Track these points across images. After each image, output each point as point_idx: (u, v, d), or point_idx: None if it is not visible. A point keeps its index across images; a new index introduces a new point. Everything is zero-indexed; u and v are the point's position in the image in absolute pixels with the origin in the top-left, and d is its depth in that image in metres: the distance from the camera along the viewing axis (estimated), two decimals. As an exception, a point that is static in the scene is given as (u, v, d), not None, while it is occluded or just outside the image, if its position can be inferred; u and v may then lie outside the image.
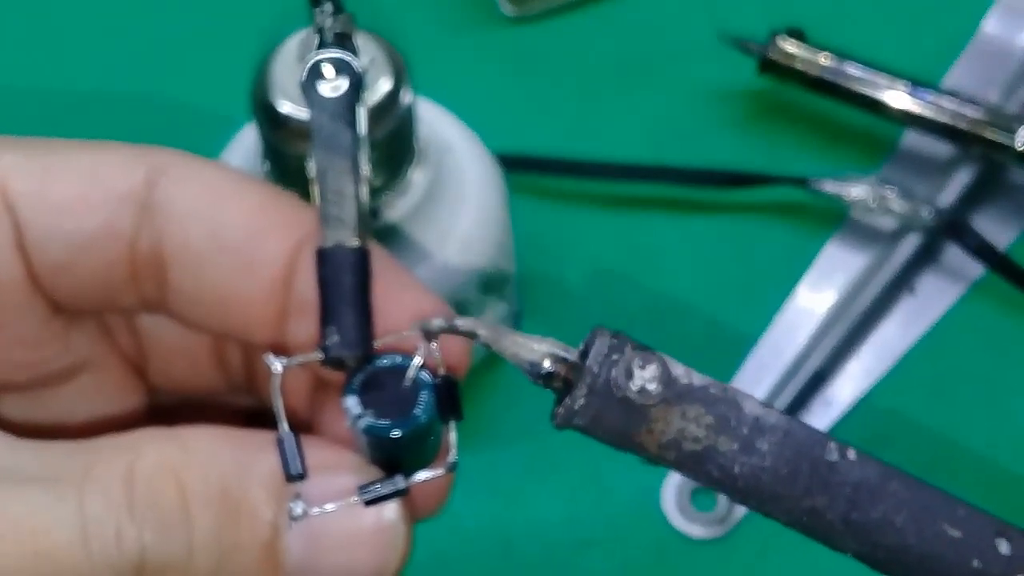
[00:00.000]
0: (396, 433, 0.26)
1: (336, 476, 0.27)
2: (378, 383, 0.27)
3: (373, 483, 0.27)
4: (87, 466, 0.26)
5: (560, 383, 0.26)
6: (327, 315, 0.27)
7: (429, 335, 0.27)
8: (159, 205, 0.28)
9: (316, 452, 0.27)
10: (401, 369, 0.27)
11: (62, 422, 0.31)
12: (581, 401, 0.25)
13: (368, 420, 0.26)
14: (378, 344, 0.27)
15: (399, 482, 0.27)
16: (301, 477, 0.26)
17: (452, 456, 0.27)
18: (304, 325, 0.28)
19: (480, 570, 0.45)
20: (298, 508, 0.26)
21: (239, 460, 0.27)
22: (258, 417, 0.32)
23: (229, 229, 0.28)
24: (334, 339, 0.26)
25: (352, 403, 0.27)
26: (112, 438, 0.27)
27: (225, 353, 0.32)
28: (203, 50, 0.54)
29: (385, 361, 0.27)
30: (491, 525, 0.45)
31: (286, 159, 0.38)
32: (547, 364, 0.26)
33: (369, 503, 0.27)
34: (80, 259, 0.28)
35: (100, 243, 0.28)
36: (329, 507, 0.26)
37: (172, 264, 0.29)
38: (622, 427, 0.25)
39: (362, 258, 0.27)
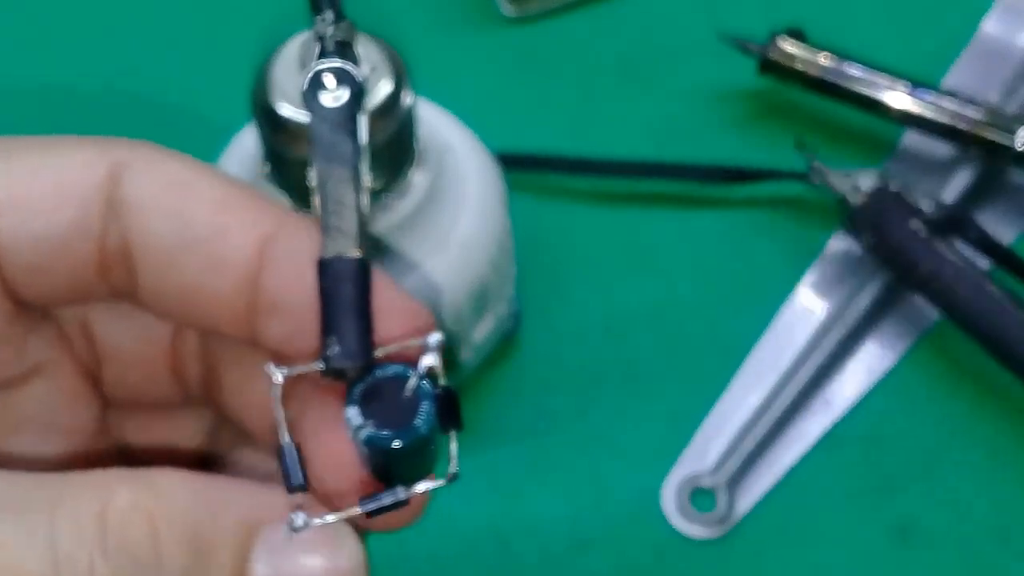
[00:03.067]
0: (397, 444, 0.26)
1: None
2: (378, 393, 0.27)
3: (374, 494, 0.27)
4: (57, 499, 0.26)
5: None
6: (328, 325, 0.27)
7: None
8: (124, 200, 0.28)
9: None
10: (402, 379, 0.27)
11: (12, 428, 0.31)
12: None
13: (369, 431, 0.26)
14: (379, 354, 0.27)
15: (399, 493, 0.27)
16: (303, 488, 0.26)
17: (453, 467, 0.27)
18: (273, 323, 0.28)
19: (479, 570, 0.45)
20: (299, 520, 0.26)
21: (209, 503, 0.27)
22: (207, 462, 0.32)
23: (193, 226, 0.28)
24: (335, 349, 0.26)
25: (353, 414, 0.26)
26: (81, 474, 0.27)
27: (182, 363, 0.32)
28: (204, 52, 0.54)
29: (386, 371, 0.27)
30: (490, 525, 0.45)
31: (286, 162, 0.38)
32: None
33: (370, 514, 0.27)
34: (50, 259, 0.28)
35: (70, 242, 0.28)
36: (330, 518, 0.27)
37: (139, 259, 0.28)
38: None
39: (363, 268, 0.27)
